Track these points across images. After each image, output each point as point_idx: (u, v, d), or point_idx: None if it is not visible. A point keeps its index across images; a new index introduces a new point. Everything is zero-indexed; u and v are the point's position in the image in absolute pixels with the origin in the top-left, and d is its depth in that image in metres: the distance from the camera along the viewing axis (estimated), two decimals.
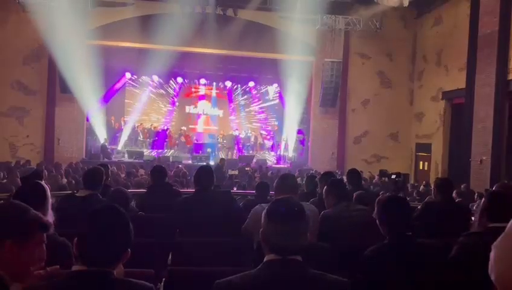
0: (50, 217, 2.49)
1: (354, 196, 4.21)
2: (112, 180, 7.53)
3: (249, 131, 19.50)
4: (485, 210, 2.68)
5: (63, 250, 2.40)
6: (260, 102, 20.06)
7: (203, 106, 20.11)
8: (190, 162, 15.62)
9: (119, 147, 16.97)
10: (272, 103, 20.01)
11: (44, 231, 1.62)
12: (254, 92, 19.84)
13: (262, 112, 20.05)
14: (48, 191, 2.57)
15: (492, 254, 1.09)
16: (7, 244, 1.53)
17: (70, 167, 12.46)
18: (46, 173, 7.98)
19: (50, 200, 2.55)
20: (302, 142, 17.07)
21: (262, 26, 15.36)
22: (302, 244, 1.70)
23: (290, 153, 17.42)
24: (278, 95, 19.63)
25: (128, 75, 18.07)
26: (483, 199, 2.81)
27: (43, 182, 2.63)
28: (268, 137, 19.35)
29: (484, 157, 11.53)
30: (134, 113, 18.20)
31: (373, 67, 16.36)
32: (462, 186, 9.90)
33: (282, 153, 17.75)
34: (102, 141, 16.04)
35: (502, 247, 1.07)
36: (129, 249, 1.67)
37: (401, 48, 16.37)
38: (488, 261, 1.09)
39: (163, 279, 2.72)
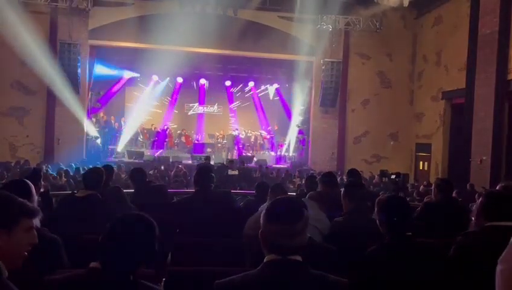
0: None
1: None
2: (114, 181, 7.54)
3: (249, 131, 19.50)
4: (481, 209, 2.66)
5: (52, 247, 2.39)
6: (260, 102, 20.05)
7: (203, 106, 20.12)
8: (190, 162, 15.62)
9: (119, 148, 16.97)
10: (272, 103, 20.01)
11: (32, 216, 1.67)
12: (254, 92, 19.83)
13: (262, 112, 20.04)
14: (33, 189, 2.58)
15: (499, 268, 1.07)
16: None
17: (70, 167, 12.45)
18: (46, 172, 7.99)
19: (36, 198, 2.56)
20: (302, 142, 17.07)
21: (262, 26, 15.35)
22: (302, 244, 1.70)
23: (290, 153, 17.43)
24: (277, 95, 19.64)
25: (128, 75, 18.07)
26: (480, 198, 2.79)
27: (27, 181, 2.64)
28: (268, 137, 19.34)
29: (484, 157, 11.53)
30: (134, 114, 18.19)
31: (373, 67, 16.36)
32: (468, 185, 9.88)
33: (282, 153, 17.76)
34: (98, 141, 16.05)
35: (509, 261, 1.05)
36: (149, 261, 1.74)
37: (401, 48, 16.36)
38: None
39: (163, 279, 2.72)
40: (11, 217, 1.62)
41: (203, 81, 19.26)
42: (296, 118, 17.42)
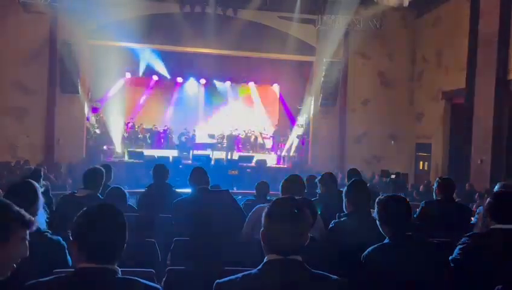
0: (41, 216, 2.48)
1: None
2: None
3: (249, 131, 19.50)
4: (489, 210, 2.61)
5: (56, 249, 2.38)
6: (260, 102, 20.04)
7: (203, 106, 20.11)
8: (190, 162, 15.61)
9: (117, 148, 16.94)
10: (272, 102, 20.00)
11: (27, 228, 1.58)
12: (254, 92, 19.82)
13: (263, 112, 20.03)
14: (39, 190, 2.55)
15: None
16: None
17: (70, 166, 12.46)
18: (47, 172, 7.99)
19: (42, 199, 2.53)
20: (302, 142, 17.06)
21: (262, 26, 15.35)
22: (303, 244, 1.69)
23: (291, 153, 17.42)
24: (277, 95, 19.63)
25: (128, 75, 18.06)
26: (488, 199, 2.73)
27: (33, 181, 2.61)
28: (268, 137, 19.33)
29: (484, 157, 11.53)
30: (134, 114, 18.19)
31: (373, 67, 16.34)
32: (466, 184, 9.89)
33: (282, 153, 17.74)
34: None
35: None
36: (125, 246, 1.70)
37: (401, 48, 16.35)
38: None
39: (163, 279, 2.72)
40: (7, 228, 1.52)
41: (203, 81, 19.24)
42: (296, 118, 17.41)
